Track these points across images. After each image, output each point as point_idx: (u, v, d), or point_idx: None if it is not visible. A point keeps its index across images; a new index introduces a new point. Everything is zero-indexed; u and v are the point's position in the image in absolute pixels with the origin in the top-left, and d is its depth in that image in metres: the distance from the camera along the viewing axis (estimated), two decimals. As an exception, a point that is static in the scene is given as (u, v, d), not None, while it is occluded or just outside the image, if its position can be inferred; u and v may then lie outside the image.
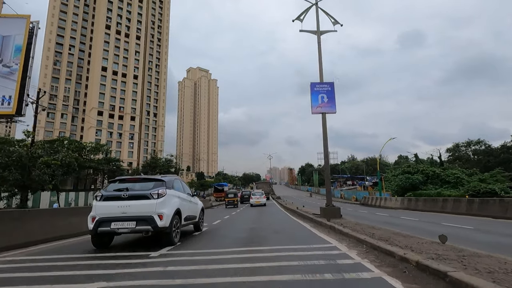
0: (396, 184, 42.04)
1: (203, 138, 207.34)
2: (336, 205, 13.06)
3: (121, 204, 5.97)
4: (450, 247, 4.74)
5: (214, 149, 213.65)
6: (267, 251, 5.55)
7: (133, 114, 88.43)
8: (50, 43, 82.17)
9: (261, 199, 28.96)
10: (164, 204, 6.16)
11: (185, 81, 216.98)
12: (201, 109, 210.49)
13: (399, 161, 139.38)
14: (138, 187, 6.39)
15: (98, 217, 5.92)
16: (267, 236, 7.94)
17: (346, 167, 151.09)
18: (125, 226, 5.83)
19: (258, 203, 28.36)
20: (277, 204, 31.48)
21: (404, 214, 18.37)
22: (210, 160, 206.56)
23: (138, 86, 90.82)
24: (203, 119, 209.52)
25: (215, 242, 7.13)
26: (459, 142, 78.78)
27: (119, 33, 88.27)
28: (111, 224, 5.84)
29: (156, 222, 5.88)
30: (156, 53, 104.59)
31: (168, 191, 6.47)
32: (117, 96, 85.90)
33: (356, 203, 39.98)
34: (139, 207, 5.98)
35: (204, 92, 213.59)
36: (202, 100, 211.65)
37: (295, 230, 9.72)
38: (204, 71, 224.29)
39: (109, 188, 6.50)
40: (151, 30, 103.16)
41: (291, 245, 6.23)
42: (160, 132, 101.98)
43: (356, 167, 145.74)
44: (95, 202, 6.24)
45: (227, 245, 6.37)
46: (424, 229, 10.33)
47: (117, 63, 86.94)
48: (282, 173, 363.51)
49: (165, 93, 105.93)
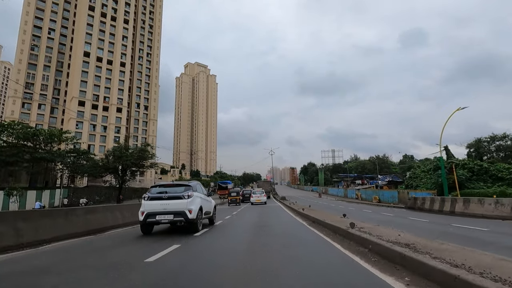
0: (432, 181, 33.33)
1: (201, 136, 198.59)
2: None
3: (162, 202, 8.47)
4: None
5: (212, 147, 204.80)
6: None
7: (119, 105, 79.73)
8: (26, 25, 73.56)
9: (261, 197, 28.91)
10: (192, 203, 8.64)
11: (183, 76, 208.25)
12: (199, 106, 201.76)
13: (404, 160, 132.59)
14: (174, 191, 8.90)
15: (146, 212, 8.31)
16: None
17: (351, 166, 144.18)
18: (165, 218, 8.28)
19: (258, 201, 28.13)
20: (284, 207, 22.92)
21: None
22: (208, 159, 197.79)
23: (125, 75, 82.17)
24: (201, 116, 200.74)
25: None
26: (481, 137, 69.50)
27: (104, 15, 79.62)
28: (156, 216, 8.25)
29: (187, 215, 8.32)
30: (147, 41, 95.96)
31: (194, 193, 8.95)
32: (101, 85, 77.24)
33: (382, 205, 31.35)
34: (175, 204, 8.43)
35: (202, 88, 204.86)
36: (200, 96, 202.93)
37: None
38: (203, 66, 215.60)
39: (153, 191, 9.00)
40: (142, 15, 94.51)
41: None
42: (152, 127, 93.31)
43: (363, 166, 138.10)
44: (143, 201, 8.62)
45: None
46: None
47: (101, 48, 78.31)
48: (283, 173, 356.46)
49: (157, 84, 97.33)
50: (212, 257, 5.31)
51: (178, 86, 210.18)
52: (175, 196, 8.51)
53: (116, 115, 78.50)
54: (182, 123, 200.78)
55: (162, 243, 6.61)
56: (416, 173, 39.77)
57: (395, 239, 4.83)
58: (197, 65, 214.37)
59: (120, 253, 5.78)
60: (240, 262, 4.67)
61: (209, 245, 6.66)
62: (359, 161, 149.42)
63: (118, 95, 79.57)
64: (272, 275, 3.79)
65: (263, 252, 5.47)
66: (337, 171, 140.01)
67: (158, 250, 5.56)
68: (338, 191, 60.39)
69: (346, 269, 4.06)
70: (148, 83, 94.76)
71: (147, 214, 8.21)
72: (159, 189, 8.99)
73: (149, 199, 8.50)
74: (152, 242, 7.00)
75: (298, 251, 5.56)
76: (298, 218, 12.82)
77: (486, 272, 2.56)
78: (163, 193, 8.68)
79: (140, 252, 5.76)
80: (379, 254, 4.33)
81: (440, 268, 2.78)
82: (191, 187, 9.00)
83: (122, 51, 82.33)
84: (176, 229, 9.47)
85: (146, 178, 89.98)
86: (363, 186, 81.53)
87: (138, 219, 8.51)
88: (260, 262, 4.58)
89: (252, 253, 5.49)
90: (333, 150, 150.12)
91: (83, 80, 73.60)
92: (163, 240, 7.25)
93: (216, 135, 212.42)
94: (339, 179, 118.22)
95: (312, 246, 6.20)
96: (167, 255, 5.27)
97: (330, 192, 65.55)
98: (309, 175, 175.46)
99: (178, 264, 4.74)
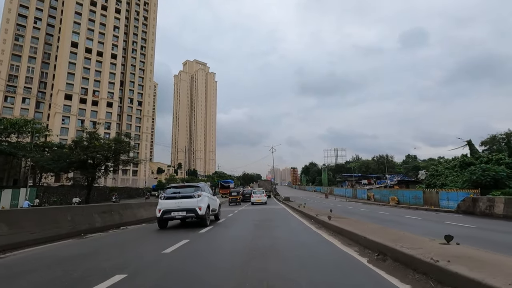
0: (464, 179, 28.25)
1: (199, 135, 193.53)
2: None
3: (176, 201, 9.92)
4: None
5: (211, 147, 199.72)
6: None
7: (110, 99, 74.67)
8: (10, 13, 68.66)
9: (262, 197, 28.65)
10: (201, 201, 10.07)
11: (181, 74, 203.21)
12: (198, 105, 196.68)
13: (407, 160, 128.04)
14: (185, 191, 10.43)
15: (163, 209, 9.75)
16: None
17: (355, 166, 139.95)
18: (179, 214, 9.75)
19: (259, 201, 27.77)
20: (291, 211, 18.05)
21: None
22: (207, 158, 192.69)
23: (117, 68, 77.17)
24: (200, 115, 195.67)
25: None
26: (496, 134, 64.31)
27: (94, 4, 74.62)
28: (171, 213, 9.74)
29: (198, 212, 9.80)
30: (141, 33, 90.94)
31: (203, 193, 10.38)
32: (90, 77, 72.21)
33: (404, 206, 26.30)
34: (187, 203, 9.88)
35: (201, 86, 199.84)
36: (199, 94, 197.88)
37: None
38: (202, 64, 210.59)
39: (168, 191, 10.52)
40: (136, 6, 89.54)
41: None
42: (146, 123, 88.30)
43: (366, 165, 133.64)
44: (160, 200, 10.09)
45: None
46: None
47: (91, 39, 73.32)
48: (283, 174, 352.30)
49: (151, 78, 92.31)
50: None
51: (177, 84, 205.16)
52: (187, 196, 10.07)
53: (107, 110, 73.47)
54: (181, 122, 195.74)
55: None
56: (439, 170, 34.67)
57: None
58: (196, 62, 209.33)
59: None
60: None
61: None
62: (363, 161, 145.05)
63: (108, 88, 74.56)
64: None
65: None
66: (339, 171, 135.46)
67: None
68: (346, 191, 55.29)
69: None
70: (142, 77, 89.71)
71: (164, 211, 9.72)
72: (173, 190, 10.63)
73: (165, 198, 10.01)
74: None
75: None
76: (324, 233, 7.72)
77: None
78: (176, 193, 10.26)
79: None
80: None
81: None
82: (200, 188, 10.55)
83: (113, 42, 77.38)
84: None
85: (139, 177, 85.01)
86: (370, 186, 76.51)
87: (156, 215, 10.02)
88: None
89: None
90: (336, 149, 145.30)
91: (70, 73, 68.59)
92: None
93: (215, 134, 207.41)
94: (343, 179, 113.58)
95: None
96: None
97: (336, 193, 60.45)
98: (311, 175, 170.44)
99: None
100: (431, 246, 4.14)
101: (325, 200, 43.15)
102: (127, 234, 9.09)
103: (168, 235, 8.26)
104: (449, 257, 3.24)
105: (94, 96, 72.44)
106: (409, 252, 3.70)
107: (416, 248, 3.87)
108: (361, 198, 44.11)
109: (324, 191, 55.55)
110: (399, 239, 4.66)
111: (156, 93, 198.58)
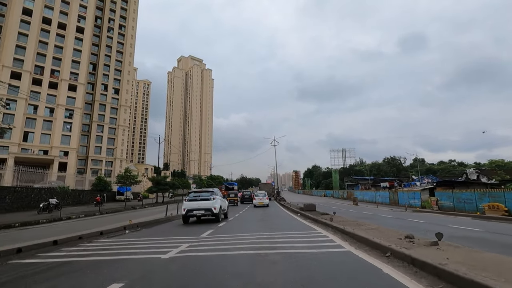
0: None
1: (194, 136, 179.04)
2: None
3: (197, 202, 13.61)
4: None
5: (207, 148, 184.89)
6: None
7: (74, 81, 60.46)
8: None
9: (264, 200, 28.93)
10: (216, 202, 13.63)
11: (175, 70, 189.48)
12: (193, 103, 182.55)
13: (414, 164, 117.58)
14: (203, 195, 14.05)
15: (186, 208, 13.45)
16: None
17: (364, 168, 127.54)
18: (199, 212, 13.44)
19: (261, 203, 28.39)
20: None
21: None
22: (202, 161, 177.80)
23: (84, 44, 63.11)
24: (194, 114, 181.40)
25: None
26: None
27: (56, -35, 60.95)
28: (193, 211, 13.42)
29: (213, 211, 13.37)
30: (120, 10, 77.39)
31: (216, 196, 14.03)
32: (48, 54, 58.14)
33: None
34: (205, 204, 13.50)
35: (196, 83, 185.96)
36: (194, 92, 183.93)
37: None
38: (197, 60, 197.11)
39: (190, 195, 14.18)
40: (114, -23, 76.12)
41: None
42: (123, 114, 74.02)
43: (377, 168, 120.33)
44: (184, 202, 13.77)
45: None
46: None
47: (50, 7, 59.46)
48: (284, 179, 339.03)
49: (131, 63, 78.33)
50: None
51: (170, 81, 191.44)
52: (205, 198, 13.77)
53: (69, 95, 59.16)
54: (174, 122, 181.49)
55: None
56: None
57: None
58: (191, 58, 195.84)
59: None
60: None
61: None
62: (374, 163, 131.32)
63: (72, 68, 60.38)
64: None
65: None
66: (348, 173, 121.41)
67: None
68: (377, 196, 40.75)
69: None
70: (120, 61, 75.76)
71: (187, 210, 13.43)
72: (194, 194, 14.36)
73: (188, 200, 13.79)
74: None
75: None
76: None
77: None
78: (197, 196, 14.00)
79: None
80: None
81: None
82: (214, 192, 14.35)
83: (81, 13, 63.49)
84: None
85: (113, 179, 70.48)
86: (393, 188, 62.17)
87: (180, 213, 14.19)
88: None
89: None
90: (344, 149, 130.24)
91: (20, 46, 54.53)
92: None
93: (211, 136, 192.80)
94: (354, 182, 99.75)
95: None
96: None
97: (358, 197, 45.72)
98: (315, 178, 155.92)
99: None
100: None
101: (356, 208, 28.82)
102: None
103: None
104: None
105: (53, 76, 58.27)
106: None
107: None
108: (405, 205, 29.71)
109: (354, 197, 40.25)
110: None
111: (149, 92, 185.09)
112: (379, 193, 41.33)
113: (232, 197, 33.38)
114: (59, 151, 55.38)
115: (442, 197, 24.62)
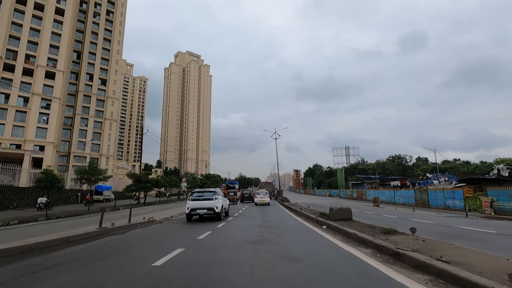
0: None
1: (191, 134, 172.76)
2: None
3: (200, 202, 14.07)
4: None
5: (205, 147, 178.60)
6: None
7: (52, 68, 54.28)
8: None
9: (265, 198, 29.56)
10: (218, 202, 14.18)
11: (172, 66, 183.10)
12: (190, 100, 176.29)
13: (417, 163, 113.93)
14: (206, 194, 14.63)
15: (190, 207, 13.91)
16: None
17: (368, 167, 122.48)
18: (202, 211, 13.85)
19: (262, 202, 28.94)
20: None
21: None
22: (200, 159, 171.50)
23: (64, 28, 56.93)
24: (192, 112, 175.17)
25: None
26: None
27: None
28: (196, 210, 13.87)
29: (215, 210, 13.82)
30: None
31: (218, 196, 14.75)
32: (23, 37, 52.02)
33: None
34: (208, 203, 13.99)
35: (193, 80, 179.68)
36: (192, 89, 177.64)
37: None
38: (195, 56, 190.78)
39: (194, 195, 14.73)
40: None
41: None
42: (110, 107, 67.88)
43: (382, 166, 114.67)
44: (188, 201, 14.38)
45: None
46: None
47: (25, -15, 53.44)
48: (283, 179, 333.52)
49: (120, 51, 72.16)
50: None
51: (167, 77, 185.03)
52: (207, 198, 14.28)
53: (45, 83, 52.98)
54: (171, 119, 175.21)
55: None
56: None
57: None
58: (188, 54, 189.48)
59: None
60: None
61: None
62: (378, 162, 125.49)
63: (50, 54, 54.22)
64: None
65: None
66: (351, 172, 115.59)
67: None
68: (397, 196, 34.64)
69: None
70: (108, 49, 69.65)
71: (191, 209, 13.87)
72: (197, 194, 14.84)
73: (192, 200, 14.27)
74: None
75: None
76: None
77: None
78: (200, 196, 14.51)
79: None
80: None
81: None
82: (216, 192, 15.02)
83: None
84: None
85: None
86: (404, 188, 56.28)
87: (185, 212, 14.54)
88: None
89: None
90: (347, 147, 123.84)
91: (-11, 27, 48.47)
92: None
93: (209, 134, 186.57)
94: (359, 181, 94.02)
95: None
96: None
97: (369, 197, 39.67)
98: (316, 178, 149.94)
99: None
100: None
101: (381, 211, 22.86)
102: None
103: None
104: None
105: (28, 62, 52.12)
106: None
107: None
108: (441, 207, 23.61)
109: (374, 197, 33.47)
110: None
111: (145, 89, 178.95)
112: (400, 192, 35.17)
113: (231, 195, 34.12)
114: (33, 145, 49.22)
115: (501, 196, 18.53)
